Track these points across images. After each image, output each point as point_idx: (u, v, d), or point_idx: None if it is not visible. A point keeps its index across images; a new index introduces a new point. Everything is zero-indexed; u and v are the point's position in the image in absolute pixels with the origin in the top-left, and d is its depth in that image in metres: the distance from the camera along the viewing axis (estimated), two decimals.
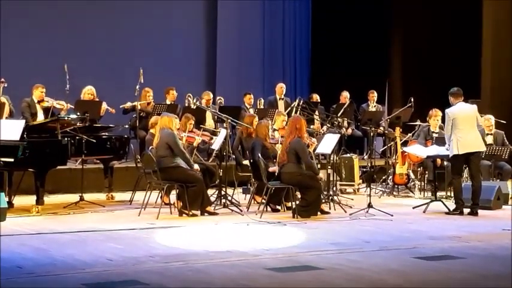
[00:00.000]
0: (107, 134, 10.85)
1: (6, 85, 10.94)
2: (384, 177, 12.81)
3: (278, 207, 9.98)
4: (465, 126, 9.86)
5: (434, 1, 16.17)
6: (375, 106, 14.91)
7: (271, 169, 9.84)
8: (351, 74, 15.83)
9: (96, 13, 14.69)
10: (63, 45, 14.14)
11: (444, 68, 15.60)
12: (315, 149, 10.60)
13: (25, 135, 9.31)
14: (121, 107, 12.74)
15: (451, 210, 9.95)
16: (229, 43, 16.36)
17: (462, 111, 9.94)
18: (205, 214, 9.44)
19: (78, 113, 10.63)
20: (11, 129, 9.19)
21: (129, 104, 12.76)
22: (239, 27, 16.58)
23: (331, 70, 16.40)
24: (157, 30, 15.43)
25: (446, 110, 9.99)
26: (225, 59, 16.24)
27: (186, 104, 12.97)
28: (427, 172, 11.89)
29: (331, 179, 10.78)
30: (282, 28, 17.07)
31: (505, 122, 12.72)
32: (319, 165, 10.76)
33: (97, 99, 12.24)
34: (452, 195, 11.09)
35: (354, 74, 15.88)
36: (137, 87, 12.76)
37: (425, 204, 10.29)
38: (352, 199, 11.03)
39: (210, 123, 13.00)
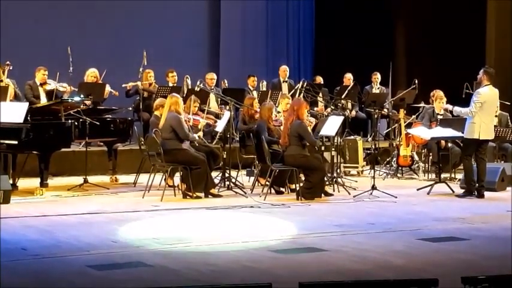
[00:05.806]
0: (110, 116, 10.84)
1: (11, 68, 10.92)
2: (388, 159, 12.78)
3: (282, 189, 9.99)
4: (490, 113, 9.83)
5: None
6: (378, 88, 14.86)
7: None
8: (355, 56, 15.76)
9: None
10: (66, 28, 14.09)
11: (448, 49, 15.52)
12: (318, 131, 10.59)
13: (29, 118, 9.30)
14: (123, 85, 12.71)
15: (462, 193, 9.84)
16: (232, 25, 16.30)
17: (492, 96, 9.84)
18: (209, 196, 9.44)
19: (82, 96, 10.60)
20: (15, 112, 9.18)
21: (131, 84, 12.74)
22: (242, 9, 16.50)
23: (335, 52, 16.33)
24: (160, 12, 15.35)
25: (479, 90, 9.77)
26: (229, 41, 16.18)
27: (186, 87, 12.87)
28: (431, 154, 11.85)
29: (335, 161, 10.77)
30: (285, 10, 17.00)
31: (509, 103, 12.67)
32: (323, 147, 10.75)
33: (100, 82, 12.21)
34: (456, 176, 11.09)
35: (357, 55, 15.81)
36: (141, 69, 12.73)
37: (429, 186, 10.26)
38: (356, 181, 11.01)
39: (213, 105, 12.96)
